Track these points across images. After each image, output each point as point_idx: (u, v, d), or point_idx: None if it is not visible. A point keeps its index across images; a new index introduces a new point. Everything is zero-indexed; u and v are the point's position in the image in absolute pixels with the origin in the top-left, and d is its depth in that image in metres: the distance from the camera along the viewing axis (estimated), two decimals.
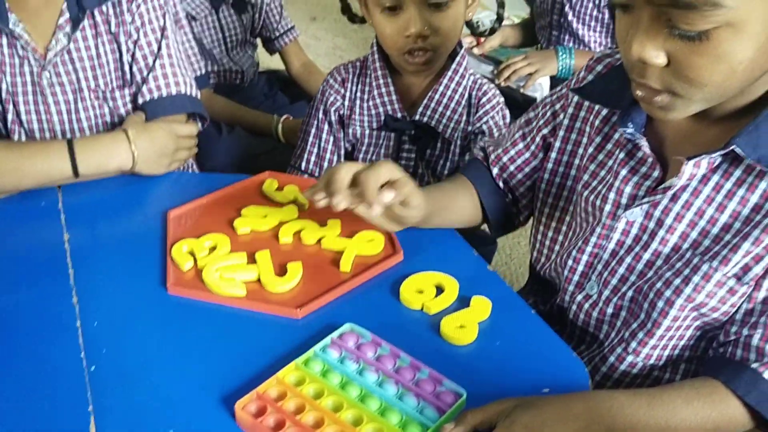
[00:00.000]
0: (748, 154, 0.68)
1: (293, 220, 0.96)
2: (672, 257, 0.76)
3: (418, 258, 0.90)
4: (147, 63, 1.08)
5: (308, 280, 0.85)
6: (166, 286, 0.83)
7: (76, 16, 1.05)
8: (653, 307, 0.77)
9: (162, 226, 0.94)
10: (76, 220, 0.96)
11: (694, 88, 0.64)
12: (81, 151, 0.98)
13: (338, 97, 1.19)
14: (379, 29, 1.11)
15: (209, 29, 1.73)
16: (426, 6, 1.05)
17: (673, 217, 0.76)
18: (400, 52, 1.10)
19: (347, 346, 0.73)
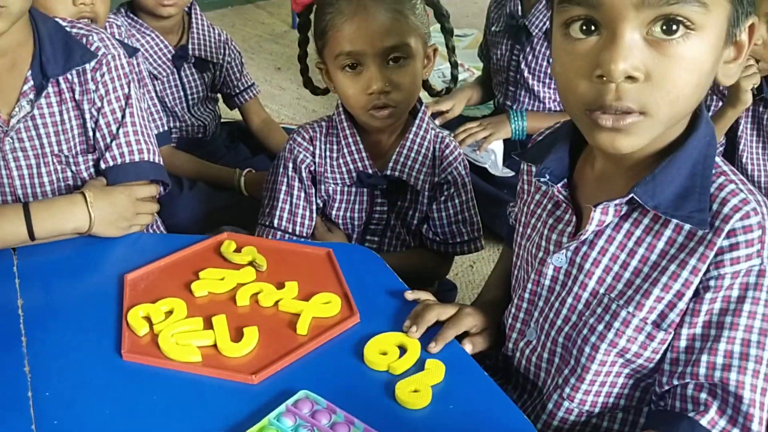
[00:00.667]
0: (645, 202, 0.73)
1: (251, 283, 0.96)
2: (592, 302, 0.81)
3: (375, 319, 0.91)
4: (110, 130, 1.09)
5: (265, 344, 0.86)
6: (121, 353, 0.83)
7: (40, 83, 1.05)
8: (581, 353, 0.81)
9: (119, 290, 0.94)
10: (31, 284, 0.95)
11: (667, 103, 0.67)
12: (37, 214, 0.98)
13: (307, 155, 1.21)
14: (342, 90, 1.14)
15: (171, 88, 1.75)
16: (385, 63, 1.10)
17: (591, 262, 0.81)
18: (364, 110, 1.13)
19: (302, 414, 0.74)
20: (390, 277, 1.02)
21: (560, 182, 0.84)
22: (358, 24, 1.08)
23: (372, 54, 1.09)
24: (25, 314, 0.89)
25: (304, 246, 1.06)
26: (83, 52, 1.07)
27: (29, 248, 1.01)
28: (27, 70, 1.05)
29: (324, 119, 1.25)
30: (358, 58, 1.10)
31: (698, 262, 0.74)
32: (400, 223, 1.26)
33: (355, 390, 0.80)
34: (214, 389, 0.79)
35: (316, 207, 1.24)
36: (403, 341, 0.86)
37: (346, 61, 1.10)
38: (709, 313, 0.75)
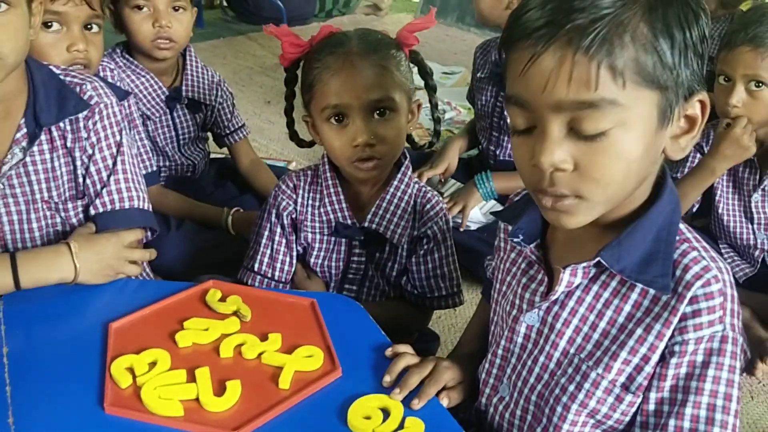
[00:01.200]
0: (611, 266, 0.77)
1: (235, 334, 0.97)
2: (563, 362, 0.84)
3: (357, 373, 0.93)
4: (101, 177, 1.11)
5: (247, 398, 0.87)
6: (104, 406, 0.83)
7: (33, 131, 1.07)
8: (553, 412, 0.84)
9: (103, 338, 0.95)
10: (16, 332, 0.95)
11: (599, 189, 0.71)
12: (23, 264, 0.99)
13: (290, 202, 1.24)
14: (327, 143, 1.17)
15: (163, 128, 1.77)
16: (370, 116, 1.12)
17: (561, 322, 0.83)
18: (349, 161, 1.15)
19: None
20: (372, 329, 1.03)
21: (533, 242, 0.87)
22: (345, 78, 1.11)
23: (358, 107, 1.11)
24: (10, 362, 0.90)
25: (288, 296, 1.08)
26: (77, 101, 1.08)
27: (15, 294, 1.01)
28: (20, 117, 1.06)
29: (311, 168, 1.27)
30: (344, 111, 1.12)
31: (663, 327, 0.76)
32: (379, 273, 1.28)
33: None
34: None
35: (296, 254, 1.26)
36: (386, 404, 0.87)
37: (332, 114, 1.13)
38: (676, 378, 0.77)
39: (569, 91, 0.67)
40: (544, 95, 0.68)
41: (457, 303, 1.28)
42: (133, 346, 0.93)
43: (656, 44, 0.67)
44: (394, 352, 0.96)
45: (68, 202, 1.11)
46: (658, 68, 0.67)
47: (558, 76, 0.67)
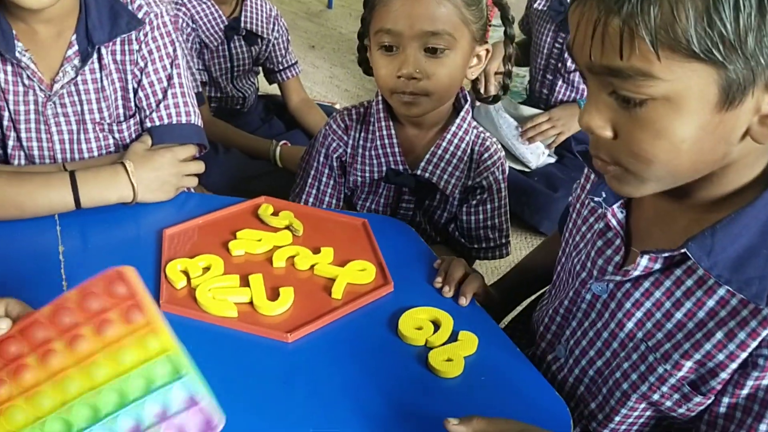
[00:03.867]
0: (699, 260, 0.65)
1: (287, 246, 0.97)
2: (628, 345, 0.75)
3: (408, 289, 0.92)
4: (154, 90, 1.09)
5: (299, 305, 0.87)
6: (159, 303, 0.84)
7: (85, 50, 1.04)
8: (611, 394, 0.77)
9: (157, 244, 0.96)
10: (71, 232, 0.96)
11: (641, 164, 0.63)
12: (83, 184, 0.98)
13: (341, 144, 1.18)
14: (375, 69, 1.10)
15: (219, 58, 1.75)
16: (421, 49, 1.04)
17: (632, 302, 0.74)
18: (391, 93, 1.09)
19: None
20: (423, 248, 1.02)
21: (615, 204, 0.77)
22: (404, 2, 1.03)
23: (409, 36, 1.03)
24: (65, 260, 0.91)
25: (340, 215, 1.07)
26: (129, 17, 1.05)
27: None
28: (72, 35, 1.04)
29: (363, 105, 1.21)
30: (396, 39, 1.04)
31: (748, 338, 0.65)
32: (426, 219, 1.23)
33: (388, 356, 0.81)
34: (249, 345, 0.80)
35: (343, 195, 1.23)
36: (436, 316, 0.86)
37: (384, 40, 1.05)
38: (755, 389, 0.67)
39: (600, 56, 0.59)
40: (581, 55, 0.61)
41: (503, 254, 1.22)
42: (186, 252, 0.94)
43: (711, 12, 0.54)
44: (442, 262, 0.96)
45: (120, 123, 1.10)
46: (714, 41, 0.55)
47: (587, 36, 0.59)
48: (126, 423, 0.58)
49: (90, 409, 0.59)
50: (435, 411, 0.73)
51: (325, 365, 0.79)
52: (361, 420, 0.71)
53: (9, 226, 0.96)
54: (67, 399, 0.59)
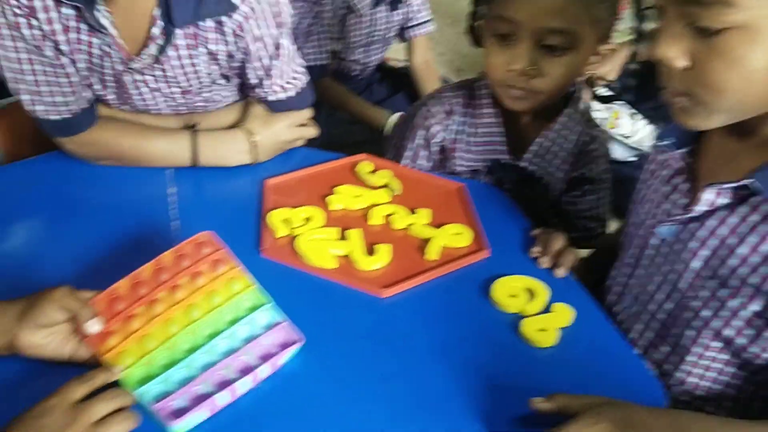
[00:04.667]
0: (764, 191, 0.67)
1: (384, 204, 0.98)
2: (696, 284, 0.75)
3: (503, 256, 0.91)
4: (264, 64, 1.02)
5: (394, 263, 0.87)
6: (260, 250, 0.87)
7: (170, 29, 0.93)
8: (682, 335, 0.78)
9: (258, 194, 0.98)
10: (179, 177, 1.00)
11: (713, 94, 0.64)
12: (203, 144, 1.00)
13: (442, 128, 1.11)
14: (486, 57, 1.02)
15: (362, 24, 1.70)
16: (539, 44, 0.95)
17: (698, 241, 0.74)
18: (498, 83, 1.02)
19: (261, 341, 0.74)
20: (519, 218, 1.01)
21: (682, 148, 0.78)
22: None
23: (529, 29, 0.94)
24: (179, 200, 0.95)
25: (438, 178, 1.07)
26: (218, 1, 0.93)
27: None
28: (154, 8, 0.92)
29: (466, 85, 1.12)
30: (514, 29, 0.95)
31: None
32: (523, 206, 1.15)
33: (480, 320, 0.81)
34: (344, 297, 0.82)
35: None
36: (531, 285, 0.85)
37: (500, 28, 0.97)
38: None
39: None
40: None
41: (597, 244, 1.16)
42: (287, 202, 0.96)
43: None
44: (540, 233, 0.94)
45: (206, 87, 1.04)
46: None
47: None
48: (222, 344, 0.71)
49: (191, 339, 0.71)
50: (525, 379, 0.73)
51: (417, 323, 0.79)
52: (450, 381, 0.72)
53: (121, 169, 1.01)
54: (171, 334, 0.70)
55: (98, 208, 0.94)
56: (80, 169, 1.01)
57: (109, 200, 0.96)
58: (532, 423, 0.68)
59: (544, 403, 0.66)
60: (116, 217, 0.91)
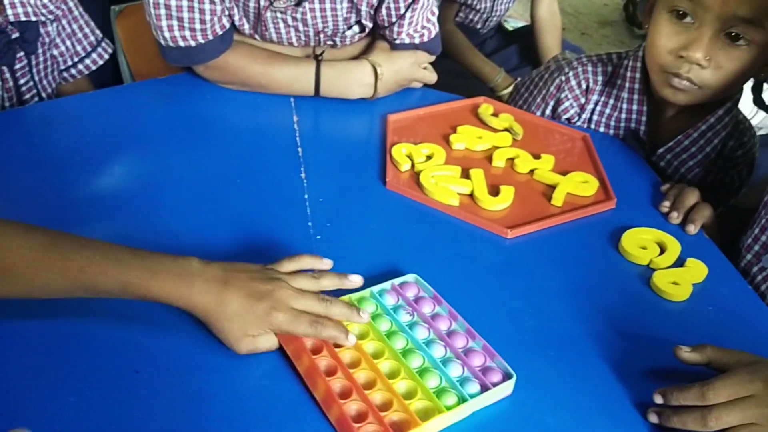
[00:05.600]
0: None
1: (506, 147, 0.96)
2: None
3: (630, 208, 0.88)
4: (398, 8, 1.01)
5: (519, 205, 0.86)
6: (384, 182, 0.86)
7: None
8: None
9: (381, 129, 0.98)
10: (304, 105, 1.01)
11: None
12: (327, 73, 1.00)
13: (574, 104, 1.05)
14: (653, 34, 0.91)
15: None
16: (722, 33, 0.85)
17: None
18: (660, 69, 0.92)
19: (405, 296, 0.69)
20: (646, 171, 0.97)
21: None
22: None
23: (715, 14, 0.84)
24: (299, 130, 0.96)
25: (561, 126, 1.04)
26: None
27: None
28: None
29: (612, 60, 1.04)
30: (696, 9, 0.85)
31: None
32: None
33: (608, 272, 0.79)
34: (468, 234, 0.81)
35: None
36: (662, 239, 0.82)
37: (680, 4, 0.86)
38: None
39: None
40: None
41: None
42: (410, 138, 0.95)
43: None
44: (671, 187, 0.90)
45: (340, 32, 1.04)
46: None
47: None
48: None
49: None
50: (656, 332, 0.71)
51: (544, 267, 0.78)
52: (578, 323, 0.70)
53: (248, 96, 1.02)
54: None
55: (228, 131, 0.95)
56: (211, 90, 1.02)
57: (237, 125, 0.97)
58: (666, 374, 0.66)
59: (691, 354, 0.63)
60: (245, 143, 0.93)
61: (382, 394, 0.59)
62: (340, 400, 0.57)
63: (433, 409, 0.57)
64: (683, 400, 0.59)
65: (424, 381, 0.60)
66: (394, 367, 0.61)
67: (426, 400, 0.58)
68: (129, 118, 0.94)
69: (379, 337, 0.64)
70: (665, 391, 0.60)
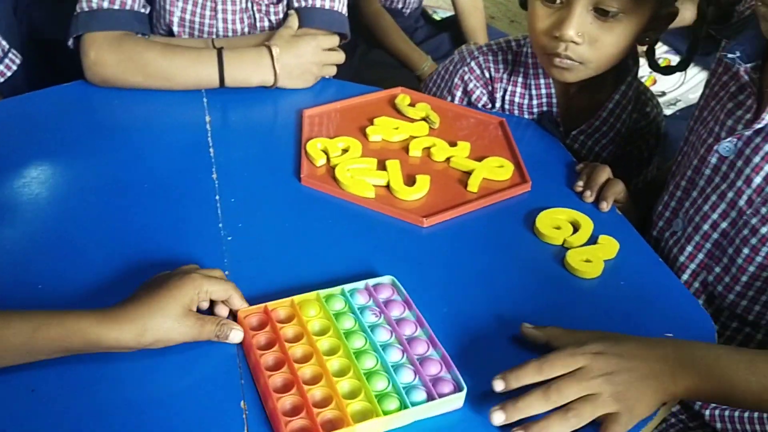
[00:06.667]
0: None
1: (423, 137, 0.96)
2: (755, 200, 0.75)
3: (546, 190, 0.89)
4: None
5: (435, 194, 0.86)
6: (299, 178, 0.85)
7: None
8: (738, 253, 0.76)
9: (296, 123, 0.97)
10: (217, 105, 0.99)
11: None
12: (229, 63, 0.99)
13: (484, 92, 1.06)
14: (529, 19, 0.94)
15: None
16: (591, 8, 0.87)
17: (761, 156, 0.74)
18: (542, 51, 0.94)
19: (376, 297, 0.68)
20: (561, 152, 0.98)
21: (750, 63, 0.77)
22: None
23: None
24: (212, 129, 0.94)
25: (477, 112, 1.04)
26: None
27: None
28: None
29: (510, 46, 1.05)
30: None
31: None
32: None
33: (523, 251, 0.79)
34: (385, 225, 0.81)
35: None
36: (575, 218, 0.83)
37: None
38: None
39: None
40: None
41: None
42: (325, 132, 0.94)
43: None
44: (584, 166, 0.92)
45: (273, 5, 1.08)
46: None
47: None
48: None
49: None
50: (570, 309, 0.72)
51: (460, 253, 0.78)
52: (494, 309, 0.70)
53: (161, 96, 0.99)
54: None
55: (137, 136, 0.92)
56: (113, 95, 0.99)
57: (148, 129, 0.94)
58: None
59: (534, 330, 0.64)
60: (155, 147, 0.90)
61: (323, 391, 0.58)
62: (279, 393, 0.57)
63: (371, 412, 0.57)
64: (522, 378, 0.58)
65: (370, 383, 0.59)
66: (344, 365, 0.61)
67: (366, 401, 0.58)
68: (30, 128, 0.90)
69: (338, 335, 0.63)
70: (504, 375, 0.58)
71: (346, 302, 0.67)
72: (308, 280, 0.70)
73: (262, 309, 0.66)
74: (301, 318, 0.64)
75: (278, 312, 0.66)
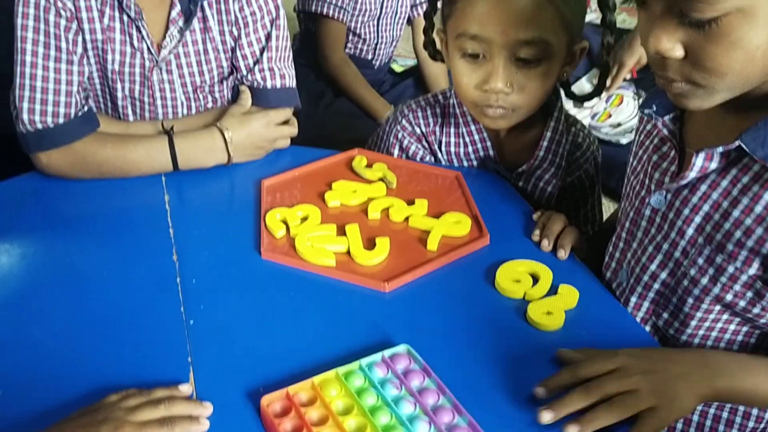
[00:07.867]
0: (753, 151, 0.67)
1: (381, 198, 0.97)
2: (690, 252, 0.75)
3: (504, 242, 0.91)
4: (253, 51, 1.07)
5: (396, 255, 0.87)
6: (260, 251, 0.86)
7: (188, 8, 1.03)
8: (683, 303, 0.77)
9: (255, 195, 0.98)
10: (175, 183, 1.00)
11: (715, 78, 0.64)
12: (182, 150, 1.01)
13: (420, 147, 1.07)
14: (455, 76, 0.96)
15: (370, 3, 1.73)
16: (513, 59, 0.90)
17: (690, 207, 0.75)
18: (474, 105, 0.97)
19: (395, 369, 0.69)
20: (518, 202, 1.00)
21: (667, 115, 0.78)
22: (495, 4, 0.88)
23: (500, 45, 0.89)
24: (171, 209, 0.94)
25: (434, 167, 1.06)
26: None
27: None
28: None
29: (437, 102, 1.07)
30: (483, 47, 0.90)
31: None
32: None
33: (485, 308, 0.80)
34: (347, 293, 0.81)
35: None
36: (534, 269, 0.85)
37: (468, 47, 0.91)
38: None
39: None
40: None
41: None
42: (285, 202, 0.95)
43: None
44: (540, 215, 0.93)
45: (216, 85, 1.10)
46: None
47: None
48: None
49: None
50: (534, 364, 0.73)
51: (423, 315, 0.79)
52: (458, 370, 0.71)
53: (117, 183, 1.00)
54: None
55: (94, 223, 0.93)
56: (75, 184, 0.99)
57: (105, 215, 0.95)
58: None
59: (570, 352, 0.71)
60: (113, 233, 0.90)
61: None
62: None
63: None
64: (560, 382, 0.66)
65: None
66: None
67: None
68: None
69: (363, 413, 0.64)
70: (545, 382, 0.67)
71: (366, 377, 0.68)
72: (273, 359, 0.70)
73: (284, 395, 0.65)
74: (324, 399, 0.65)
75: (300, 396, 0.66)
